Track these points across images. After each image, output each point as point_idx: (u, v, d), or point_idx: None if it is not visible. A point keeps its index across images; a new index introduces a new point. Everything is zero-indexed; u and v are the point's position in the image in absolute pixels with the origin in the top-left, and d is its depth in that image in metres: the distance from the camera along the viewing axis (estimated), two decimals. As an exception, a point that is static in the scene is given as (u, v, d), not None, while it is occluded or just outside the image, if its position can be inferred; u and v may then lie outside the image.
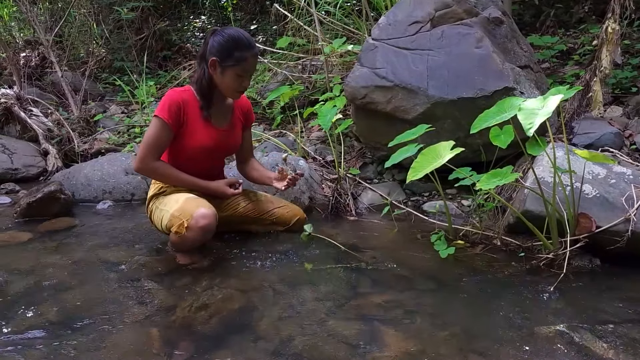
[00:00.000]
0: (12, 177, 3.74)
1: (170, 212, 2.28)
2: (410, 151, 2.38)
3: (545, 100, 1.94)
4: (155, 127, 2.28)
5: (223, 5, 7.56)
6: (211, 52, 2.28)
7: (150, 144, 2.28)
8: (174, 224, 2.24)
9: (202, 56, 2.33)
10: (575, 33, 5.13)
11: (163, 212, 2.34)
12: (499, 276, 2.16)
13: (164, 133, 2.28)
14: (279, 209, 2.63)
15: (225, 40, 2.26)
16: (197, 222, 2.18)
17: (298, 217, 2.65)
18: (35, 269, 2.26)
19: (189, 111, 2.32)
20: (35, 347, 1.65)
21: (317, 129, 4.01)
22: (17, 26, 6.70)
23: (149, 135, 2.29)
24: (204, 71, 2.31)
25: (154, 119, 2.29)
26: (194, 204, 2.25)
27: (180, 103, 2.30)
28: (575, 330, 1.68)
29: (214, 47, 2.27)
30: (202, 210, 2.20)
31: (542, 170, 2.43)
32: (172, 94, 2.31)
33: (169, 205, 2.33)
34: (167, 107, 2.27)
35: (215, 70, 2.29)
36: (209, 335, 1.73)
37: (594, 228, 2.16)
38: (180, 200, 2.30)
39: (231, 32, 2.30)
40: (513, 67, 2.88)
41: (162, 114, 2.26)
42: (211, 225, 2.21)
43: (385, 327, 1.76)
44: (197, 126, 2.35)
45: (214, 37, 2.29)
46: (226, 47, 2.26)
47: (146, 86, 4.92)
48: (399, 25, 3.17)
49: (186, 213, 2.21)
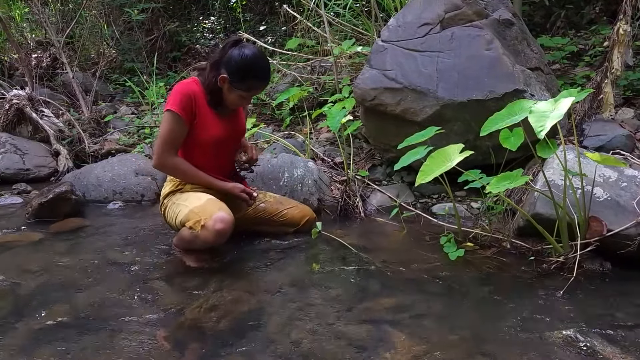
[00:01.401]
0: (23, 178, 3.77)
1: (190, 208, 2.28)
2: (419, 153, 2.37)
3: (557, 103, 1.93)
4: (169, 121, 2.26)
5: (232, 6, 7.57)
6: (226, 67, 2.26)
7: (166, 139, 2.27)
8: (191, 219, 2.24)
9: (217, 63, 2.30)
10: (586, 34, 5.09)
11: (181, 206, 2.33)
12: (508, 279, 2.15)
13: (178, 127, 2.27)
14: (289, 210, 2.63)
15: (244, 64, 2.24)
16: (215, 224, 2.17)
17: (308, 218, 2.65)
18: (46, 269, 2.27)
19: (198, 103, 2.31)
20: (45, 347, 1.67)
21: (326, 131, 4.01)
22: (29, 27, 6.76)
23: (164, 130, 2.27)
24: (214, 79, 2.30)
25: (166, 114, 2.27)
26: (216, 206, 2.25)
27: (191, 95, 2.28)
28: (586, 335, 1.67)
29: (230, 64, 2.25)
30: (222, 213, 2.20)
31: (553, 173, 2.41)
32: (181, 87, 2.30)
33: (189, 201, 2.32)
34: (178, 101, 2.25)
35: (223, 84, 2.30)
36: (218, 337, 1.74)
37: (605, 231, 2.14)
38: (202, 199, 2.30)
39: (252, 56, 2.25)
40: (523, 69, 2.87)
41: (174, 108, 2.24)
42: (226, 231, 2.20)
43: (394, 330, 1.76)
44: (207, 118, 2.34)
45: (233, 52, 2.26)
46: (243, 71, 2.25)
47: (156, 87, 4.94)
48: (409, 26, 3.17)
49: (206, 212, 2.21)
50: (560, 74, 4.23)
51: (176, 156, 2.32)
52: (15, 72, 5.89)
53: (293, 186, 2.97)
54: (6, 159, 3.81)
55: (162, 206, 2.48)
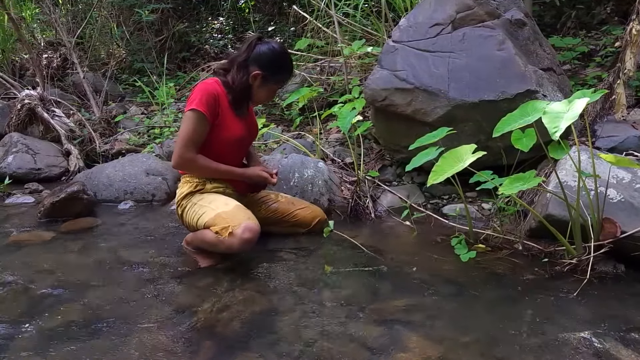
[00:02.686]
0: (35, 177, 3.79)
1: (218, 212, 2.25)
2: (431, 154, 2.36)
3: (571, 104, 1.92)
4: (193, 120, 2.26)
5: (241, 6, 7.59)
6: (257, 63, 2.32)
7: (189, 137, 2.26)
8: (218, 224, 2.21)
9: (244, 63, 2.32)
10: (597, 35, 5.05)
11: (205, 208, 2.31)
12: (521, 281, 2.13)
13: (201, 126, 2.27)
14: (300, 211, 2.64)
15: (276, 57, 2.34)
16: (243, 232, 2.15)
17: (319, 218, 2.66)
18: (57, 268, 2.28)
19: (220, 103, 2.33)
20: (57, 347, 1.68)
21: (336, 131, 4.00)
22: (40, 28, 6.80)
23: (187, 129, 2.26)
24: (244, 78, 2.33)
25: (190, 113, 2.26)
26: (245, 215, 2.24)
27: (215, 95, 2.30)
28: (600, 338, 1.66)
29: (261, 60, 2.31)
30: (251, 223, 2.19)
31: (565, 174, 2.40)
32: (206, 86, 2.31)
33: (215, 204, 2.30)
34: (204, 100, 2.25)
35: (255, 81, 2.34)
36: (230, 337, 1.74)
37: (619, 233, 2.12)
38: (230, 205, 2.29)
39: (280, 49, 2.38)
40: (536, 70, 2.85)
41: (199, 107, 2.24)
42: (253, 241, 2.19)
43: (406, 331, 1.76)
44: (228, 118, 2.36)
45: (261, 48, 2.32)
46: (275, 65, 2.34)
47: (166, 87, 4.95)
48: (420, 27, 3.16)
49: (235, 220, 2.19)
50: (571, 74, 4.20)
51: (196, 154, 2.31)
52: (27, 72, 5.92)
53: (303, 187, 2.97)
54: (18, 158, 3.83)
55: (180, 207, 2.45)
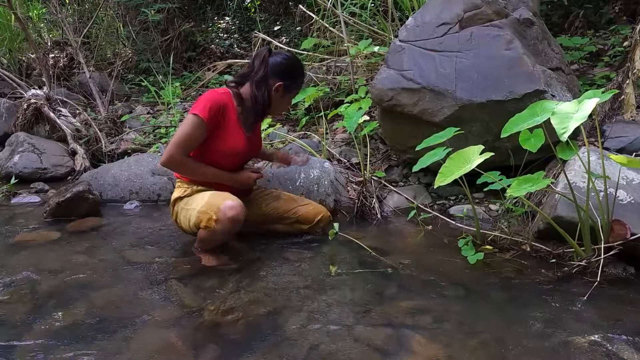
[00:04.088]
0: (41, 177, 3.80)
1: (197, 209, 2.29)
2: (438, 155, 2.35)
3: (580, 104, 1.89)
4: (191, 125, 2.25)
5: (247, 6, 7.58)
6: (277, 75, 2.35)
7: (183, 140, 2.25)
8: (202, 219, 2.25)
9: (264, 79, 2.34)
10: (605, 34, 5.02)
11: (189, 211, 2.34)
12: (529, 283, 2.11)
13: (199, 132, 2.26)
14: (302, 207, 2.62)
15: (292, 65, 2.41)
16: (225, 213, 2.19)
17: (322, 215, 2.64)
18: (63, 268, 2.28)
19: (227, 115, 2.33)
20: (62, 347, 1.67)
21: (342, 131, 3.99)
22: (47, 27, 6.81)
23: (183, 132, 2.26)
24: (265, 93, 2.34)
25: (191, 116, 2.26)
26: (220, 197, 2.27)
27: (221, 105, 2.30)
28: (610, 341, 1.64)
29: (280, 70, 2.35)
30: (228, 202, 2.22)
31: (574, 175, 2.37)
32: (214, 95, 2.31)
33: (194, 204, 2.33)
34: (208, 108, 2.25)
35: (277, 92, 2.36)
36: (235, 339, 1.73)
37: (629, 235, 2.09)
38: (205, 197, 2.31)
39: (292, 57, 2.45)
40: (544, 70, 2.83)
41: (202, 113, 2.24)
42: (239, 215, 2.22)
43: (413, 333, 1.74)
44: (231, 131, 2.35)
45: (276, 59, 2.35)
46: (294, 72, 2.42)
47: (172, 87, 4.95)
48: (427, 26, 3.13)
49: (213, 206, 2.23)
50: (579, 74, 4.17)
51: (186, 157, 2.30)
52: (33, 71, 5.94)
53: (309, 187, 2.95)
54: (24, 158, 3.84)
55: (173, 213, 2.49)
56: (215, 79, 5.67)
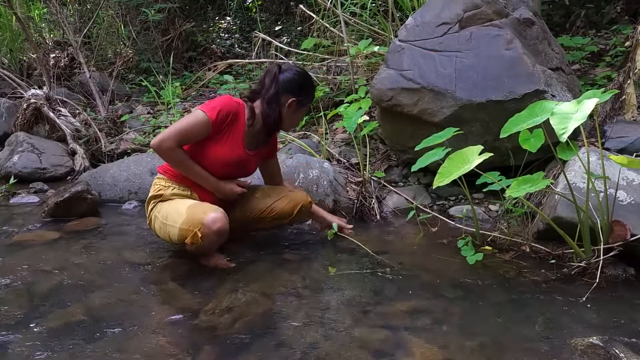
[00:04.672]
0: (40, 177, 3.79)
1: (178, 226, 2.21)
2: (437, 155, 2.33)
3: (580, 104, 1.88)
4: (196, 119, 2.22)
5: (248, 6, 7.58)
6: (289, 91, 2.34)
7: (181, 130, 2.21)
8: (187, 236, 2.17)
9: (275, 96, 2.32)
10: (607, 34, 4.99)
11: (168, 227, 2.25)
12: (528, 284, 2.10)
13: (200, 129, 2.23)
14: (278, 202, 2.48)
15: (304, 80, 2.40)
16: (210, 227, 2.13)
17: (300, 205, 2.49)
18: (61, 268, 2.28)
19: (233, 124, 2.30)
20: (58, 347, 1.66)
21: (341, 131, 3.98)
22: (48, 27, 6.81)
23: (185, 122, 2.23)
24: (277, 111, 2.34)
25: (198, 112, 2.24)
26: (200, 210, 2.20)
27: (232, 114, 2.27)
28: (610, 343, 1.62)
29: (292, 87, 2.35)
30: (211, 214, 2.15)
31: (574, 175, 2.36)
32: (228, 101, 2.29)
33: (172, 219, 2.24)
34: (218, 110, 2.23)
35: (290, 108, 2.35)
36: (232, 339, 1.72)
37: (629, 236, 2.08)
38: (182, 211, 2.22)
39: (302, 71, 2.44)
40: (544, 70, 2.81)
41: (210, 113, 2.22)
42: (224, 226, 2.18)
43: (411, 335, 1.73)
44: (231, 140, 2.31)
45: (287, 75, 2.34)
46: (306, 86, 2.41)
47: (172, 87, 4.94)
48: (427, 26, 3.12)
49: (195, 222, 2.15)
50: (580, 74, 4.15)
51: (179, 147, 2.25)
52: (34, 71, 5.94)
53: (308, 187, 2.94)
54: (24, 158, 3.83)
55: (148, 216, 2.40)
56: (215, 79, 5.66)
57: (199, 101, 5.25)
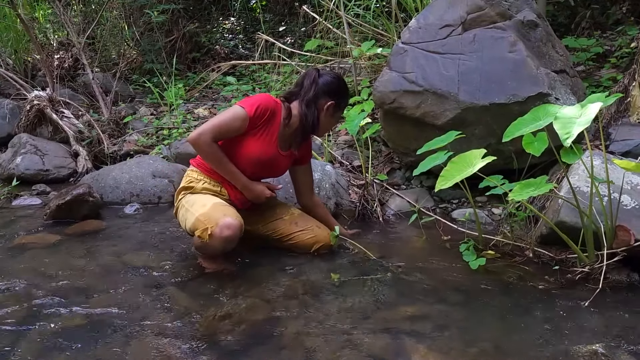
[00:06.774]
0: (43, 179, 3.79)
1: (196, 216, 2.23)
2: (439, 158, 2.32)
3: (584, 109, 1.86)
4: (234, 115, 2.24)
5: (252, 7, 7.57)
6: (328, 94, 2.36)
7: (220, 125, 2.22)
8: (198, 227, 2.19)
9: (315, 98, 2.34)
10: (612, 35, 4.96)
11: (188, 213, 2.29)
12: (531, 289, 2.08)
13: (238, 124, 2.24)
14: (301, 234, 2.45)
15: (341, 84, 2.45)
16: (222, 231, 2.12)
17: (322, 244, 2.44)
18: (62, 272, 2.27)
19: (269, 122, 2.30)
20: (59, 351, 1.66)
21: (344, 133, 3.96)
22: (52, 28, 6.83)
23: (223, 118, 2.25)
24: (315, 112, 2.35)
25: (237, 108, 2.25)
26: (221, 211, 2.20)
27: (269, 111, 2.28)
28: (613, 350, 1.61)
29: (331, 90, 2.37)
30: (228, 219, 2.14)
31: (578, 179, 2.34)
32: (267, 99, 2.31)
33: (195, 208, 2.27)
34: (256, 106, 2.25)
35: (328, 112, 2.37)
36: (232, 345, 1.71)
37: (633, 241, 2.05)
38: (207, 205, 2.25)
39: (340, 77, 2.50)
40: (548, 72, 2.79)
41: (249, 109, 2.23)
42: (235, 237, 2.15)
43: (413, 341, 1.72)
44: (264, 137, 2.31)
45: (326, 79, 2.37)
46: (344, 90, 2.46)
47: (175, 88, 4.94)
48: (430, 28, 3.10)
49: (212, 220, 2.15)
50: (586, 76, 4.13)
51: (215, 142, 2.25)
52: (38, 72, 5.95)
53: (310, 190, 2.92)
54: (26, 159, 3.83)
55: (176, 203, 2.43)
56: (219, 80, 5.66)
57: (202, 102, 5.25)
